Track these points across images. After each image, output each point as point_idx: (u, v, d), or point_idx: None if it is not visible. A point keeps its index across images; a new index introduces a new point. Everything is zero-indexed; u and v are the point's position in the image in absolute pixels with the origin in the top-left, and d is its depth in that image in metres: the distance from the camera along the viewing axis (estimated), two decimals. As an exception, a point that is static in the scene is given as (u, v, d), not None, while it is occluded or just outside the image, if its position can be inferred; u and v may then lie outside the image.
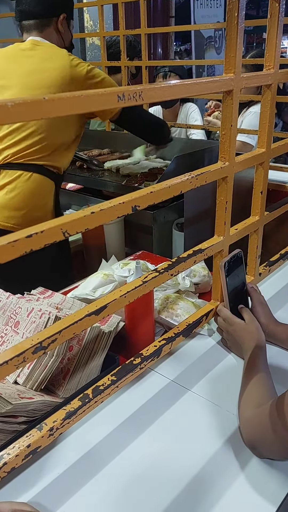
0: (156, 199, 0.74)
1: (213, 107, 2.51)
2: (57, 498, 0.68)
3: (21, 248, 0.56)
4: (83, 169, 1.98)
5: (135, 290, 0.77)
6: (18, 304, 0.95)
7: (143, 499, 0.68)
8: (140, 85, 0.68)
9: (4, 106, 0.49)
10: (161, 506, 0.66)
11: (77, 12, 3.69)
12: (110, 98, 0.62)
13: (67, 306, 0.97)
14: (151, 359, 0.86)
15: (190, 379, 0.90)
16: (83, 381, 0.86)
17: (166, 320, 1.01)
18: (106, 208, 0.66)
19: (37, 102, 0.53)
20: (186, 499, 0.67)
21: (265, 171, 1.03)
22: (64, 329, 0.66)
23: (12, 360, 0.60)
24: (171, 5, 5.14)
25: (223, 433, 0.78)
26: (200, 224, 1.50)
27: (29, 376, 0.83)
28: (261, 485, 0.69)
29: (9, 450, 0.66)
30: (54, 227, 0.60)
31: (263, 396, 0.77)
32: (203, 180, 0.83)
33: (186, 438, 0.78)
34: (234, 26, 0.80)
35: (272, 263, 1.22)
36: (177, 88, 0.73)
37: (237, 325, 0.94)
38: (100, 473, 0.72)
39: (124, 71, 2.27)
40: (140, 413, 0.83)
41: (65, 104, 0.56)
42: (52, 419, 0.71)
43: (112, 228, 1.59)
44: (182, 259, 0.87)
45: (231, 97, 0.84)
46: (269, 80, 0.94)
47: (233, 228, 1.00)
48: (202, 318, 0.98)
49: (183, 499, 0.67)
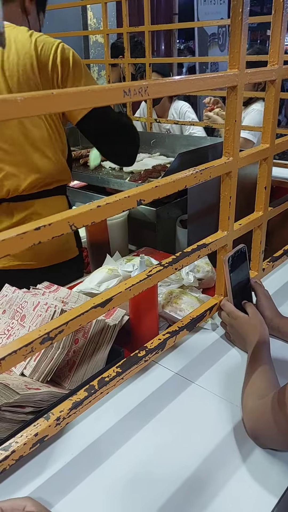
0: (161, 193, 0.75)
1: (212, 104, 2.50)
2: (63, 486, 0.69)
3: (30, 240, 0.58)
4: (87, 167, 1.99)
5: (140, 283, 0.78)
6: (24, 298, 0.96)
7: (147, 490, 0.69)
8: (145, 80, 0.69)
9: (14, 101, 0.50)
10: (165, 496, 0.68)
11: (80, 9, 3.69)
12: (116, 94, 0.63)
13: (72, 300, 0.98)
14: (156, 352, 0.87)
15: (194, 372, 0.91)
16: (89, 373, 0.87)
17: (170, 314, 1.02)
18: (112, 202, 0.67)
19: (46, 96, 0.54)
20: (189, 490, 0.68)
21: (269, 167, 1.04)
22: (70, 320, 0.67)
23: (21, 350, 0.61)
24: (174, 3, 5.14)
25: (226, 425, 0.79)
26: (204, 221, 1.51)
27: (35, 368, 0.84)
28: (264, 475, 0.70)
29: (17, 438, 0.67)
30: (61, 220, 0.61)
31: (266, 388, 0.78)
32: (208, 175, 0.84)
33: (190, 430, 0.79)
34: (238, 22, 0.81)
35: (275, 259, 1.23)
36: (183, 83, 0.74)
37: (241, 319, 0.95)
38: (105, 463, 0.73)
39: (127, 68, 2.27)
40: (144, 405, 0.84)
41: (72, 99, 0.57)
42: (59, 409, 0.72)
43: (115, 225, 1.60)
44: (186, 254, 0.88)
45: (235, 93, 0.85)
46: (273, 75, 0.94)
47: (237, 223, 1.01)
48: (206, 312, 0.99)
49: (186, 489, 0.69)
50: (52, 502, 0.67)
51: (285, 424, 0.65)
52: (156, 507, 0.66)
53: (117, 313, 0.95)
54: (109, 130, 1.26)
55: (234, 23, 0.81)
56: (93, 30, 3.86)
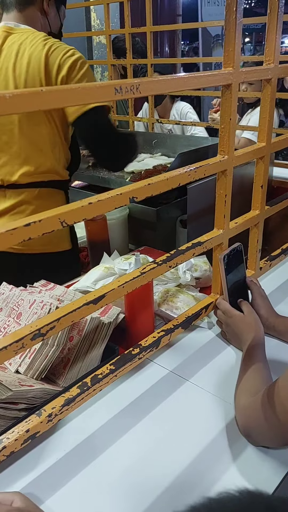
0: (153, 191, 0.75)
1: (217, 106, 2.53)
2: (54, 483, 0.69)
3: (20, 236, 0.58)
4: (88, 167, 1.99)
5: (133, 281, 0.78)
6: (21, 296, 0.97)
7: (139, 487, 0.69)
8: (137, 78, 0.69)
9: (2, 97, 0.51)
10: (157, 493, 0.68)
11: (84, 11, 3.70)
12: (107, 91, 0.63)
13: (68, 298, 0.98)
14: (150, 350, 0.87)
15: (189, 369, 0.91)
16: (83, 370, 0.87)
17: (166, 312, 1.02)
18: (104, 199, 0.67)
19: (35, 93, 0.54)
20: (182, 487, 0.68)
21: (265, 165, 1.04)
22: (62, 316, 0.67)
23: (11, 345, 0.61)
24: (178, 4, 5.14)
25: (219, 422, 0.79)
26: (203, 221, 1.51)
27: (30, 365, 0.85)
28: (255, 472, 0.70)
29: (9, 434, 0.67)
30: (52, 217, 0.61)
31: (259, 386, 0.78)
32: (202, 173, 0.84)
33: (183, 427, 0.79)
34: (232, 20, 0.81)
35: (273, 258, 1.23)
36: (175, 81, 0.75)
37: (236, 317, 0.95)
38: (97, 460, 0.73)
39: (129, 69, 2.28)
40: (138, 402, 0.84)
41: (62, 96, 0.57)
42: (51, 406, 0.72)
43: (116, 224, 1.61)
44: (181, 251, 0.88)
45: (230, 91, 0.85)
46: (269, 74, 0.94)
47: (233, 221, 1.01)
48: (201, 310, 0.99)
49: (179, 486, 0.69)
50: (42, 498, 0.67)
51: (275, 420, 0.65)
52: (148, 504, 0.66)
53: (112, 311, 0.95)
54: (101, 136, 1.26)
55: (228, 22, 0.81)
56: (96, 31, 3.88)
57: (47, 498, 0.67)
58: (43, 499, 0.67)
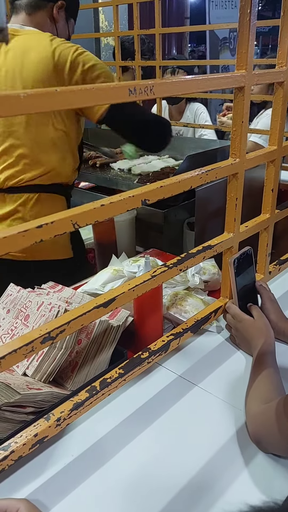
0: (166, 193, 0.74)
1: (225, 110, 2.54)
2: (62, 489, 0.68)
3: (32, 238, 0.57)
4: (96, 168, 1.99)
5: (143, 284, 0.77)
6: (29, 298, 0.96)
7: (148, 494, 0.68)
8: (151, 79, 0.68)
9: (17, 97, 0.50)
10: (166, 499, 0.67)
11: (92, 12, 3.71)
12: (121, 92, 0.62)
13: (76, 301, 0.98)
14: (159, 354, 0.86)
15: (198, 374, 0.90)
16: (91, 374, 0.87)
17: (174, 316, 1.02)
18: (115, 201, 0.67)
19: (50, 94, 0.54)
20: (191, 494, 0.67)
21: (276, 169, 1.03)
22: (72, 320, 0.66)
23: (21, 349, 0.60)
24: (186, 7, 5.14)
25: (229, 428, 0.78)
26: (211, 224, 1.50)
27: (37, 368, 0.84)
28: (266, 480, 0.69)
29: (17, 439, 0.67)
30: (64, 218, 0.60)
31: (270, 392, 0.77)
32: (213, 175, 0.83)
33: (192, 433, 0.78)
34: (246, 22, 0.80)
35: (282, 262, 1.22)
36: (189, 83, 0.74)
37: (246, 322, 0.93)
38: (106, 466, 0.72)
39: (137, 71, 2.28)
40: (147, 407, 0.83)
41: (76, 97, 0.56)
42: (60, 410, 0.71)
43: (123, 226, 1.60)
44: (191, 255, 0.87)
45: (242, 94, 0.84)
46: (282, 77, 0.94)
47: (243, 225, 1.00)
48: (210, 314, 0.98)
49: (188, 493, 0.67)
50: (49, 504, 0.66)
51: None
52: (157, 511, 0.65)
53: (121, 314, 0.94)
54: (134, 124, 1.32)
55: (242, 24, 0.81)
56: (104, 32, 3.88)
57: (54, 505, 0.66)
58: (50, 506, 0.66)
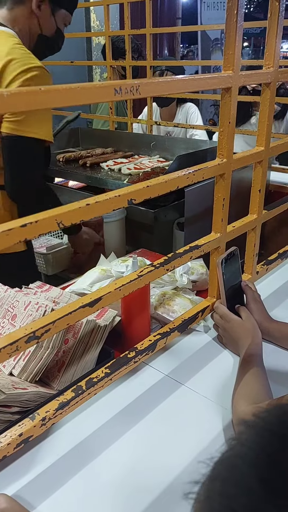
0: (152, 193, 0.75)
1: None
2: (46, 488, 0.68)
3: (16, 237, 0.57)
4: (86, 167, 1.99)
5: (130, 284, 0.77)
6: (16, 298, 0.96)
7: (133, 492, 0.68)
8: (137, 79, 0.69)
9: (0, 95, 0.50)
10: (150, 498, 0.67)
11: (83, 11, 3.70)
12: (107, 91, 0.62)
13: (64, 300, 0.97)
14: (146, 353, 0.87)
15: (185, 374, 0.91)
16: (78, 374, 0.86)
17: (162, 316, 1.02)
18: (101, 201, 0.67)
19: (33, 92, 0.54)
20: (176, 493, 0.68)
21: (263, 170, 1.03)
22: (58, 319, 0.66)
23: (5, 348, 0.60)
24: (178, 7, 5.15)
25: (215, 427, 0.78)
26: (201, 224, 1.51)
27: (24, 368, 0.84)
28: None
29: (1, 438, 0.66)
30: (49, 218, 0.60)
31: (258, 393, 0.77)
32: (200, 176, 0.84)
33: (178, 432, 0.78)
34: (233, 24, 0.81)
35: (269, 262, 1.23)
36: (175, 83, 0.74)
37: (234, 322, 0.94)
38: (91, 465, 0.72)
39: (128, 71, 2.28)
40: (133, 406, 0.83)
41: (60, 96, 0.56)
42: (45, 409, 0.71)
43: (113, 226, 1.60)
44: (178, 255, 0.88)
45: (229, 95, 0.85)
46: (268, 78, 0.94)
47: (231, 225, 1.00)
48: (198, 314, 0.98)
49: (173, 492, 0.68)
50: (34, 503, 0.66)
51: None
52: (141, 509, 0.65)
53: (108, 313, 0.94)
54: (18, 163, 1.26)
55: (229, 25, 0.81)
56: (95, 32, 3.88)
57: (40, 503, 0.66)
58: (35, 504, 0.66)
